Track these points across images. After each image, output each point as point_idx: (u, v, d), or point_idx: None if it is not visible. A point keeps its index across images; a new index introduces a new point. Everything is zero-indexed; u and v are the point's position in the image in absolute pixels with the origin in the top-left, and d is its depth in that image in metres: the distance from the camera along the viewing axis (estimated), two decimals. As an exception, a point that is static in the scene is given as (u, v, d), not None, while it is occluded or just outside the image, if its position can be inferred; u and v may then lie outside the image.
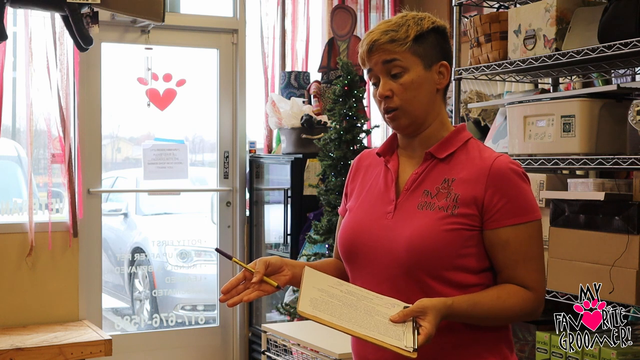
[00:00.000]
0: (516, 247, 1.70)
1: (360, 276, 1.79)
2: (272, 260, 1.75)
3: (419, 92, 1.74)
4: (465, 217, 1.69)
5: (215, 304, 5.17)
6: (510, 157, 1.78)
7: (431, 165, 1.77)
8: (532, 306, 1.72)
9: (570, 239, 2.80)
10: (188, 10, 5.04)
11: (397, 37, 1.73)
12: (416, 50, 1.73)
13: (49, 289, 4.53)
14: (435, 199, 1.72)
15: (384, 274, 1.73)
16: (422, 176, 1.76)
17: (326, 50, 5.05)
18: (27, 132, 4.47)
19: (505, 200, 1.69)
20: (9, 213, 4.55)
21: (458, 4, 3.43)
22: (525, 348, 3.05)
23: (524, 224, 1.70)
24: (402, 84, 1.74)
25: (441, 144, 1.77)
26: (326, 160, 4.24)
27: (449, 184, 1.72)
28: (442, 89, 1.80)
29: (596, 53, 2.70)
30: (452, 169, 1.74)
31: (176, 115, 5.00)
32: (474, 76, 3.35)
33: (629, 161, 2.60)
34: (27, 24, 4.43)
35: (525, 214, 1.70)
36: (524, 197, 1.71)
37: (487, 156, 1.74)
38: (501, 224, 1.69)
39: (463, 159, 1.75)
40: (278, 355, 3.40)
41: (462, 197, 1.70)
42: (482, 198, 1.69)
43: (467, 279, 1.71)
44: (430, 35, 1.76)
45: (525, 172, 1.76)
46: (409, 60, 1.73)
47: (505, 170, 1.71)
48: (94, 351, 4.10)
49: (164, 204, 5.54)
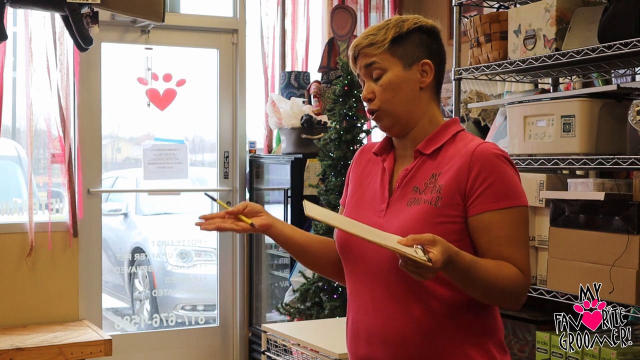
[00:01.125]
0: (498, 230, 1.67)
1: (353, 273, 1.82)
2: (251, 204, 1.84)
3: (398, 92, 1.76)
4: (449, 207, 1.68)
5: (215, 304, 5.17)
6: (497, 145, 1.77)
7: (420, 161, 1.78)
8: (521, 285, 1.68)
9: (570, 239, 2.80)
10: (188, 10, 5.04)
11: (375, 40, 1.77)
12: (395, 51, 1.76)
13: (49, 289, 4.53)
14: (423, 194, 1.73)
15: (375, 270, 1.75)
16: (412, 173, 1.77)
17: (326, 50, 5.05)
18: (27, 132, 4.47)
19: (486, 184, 1.67)
20: (9, 213, 4.55)
21: (458, 4, 3.43)
22: (525, 348, 3.05)
23: (507, 209, 1.68)
24: (382, 85, 1.77)
25: (428, 139, 1.78)
26: (326, 160, 4.24)
27: (436, 178, 1.73)
28: (428, 87, 1.79)
29: (596, 53, 2.70)
30: (440, 163, 1.75)
31: (176, 115, 5.00)
32: (474, 76, 3.35)
33: (629, 161, 2.60)
34: (27, 24, 4.43)
35: (507, 199, 1.68)
36: (507, 181, 1.69)
37: (472, 144, 1.73)
38: (482, 209, 1.67)
39: (450, 152, 1.75)
40: (278, 355, 3.40)
41: (445, 187, 1.70)
42: (465, 184, 1.69)
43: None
44: (412, 35, 1.77)
45: (511, 159, 1.74)
46: (387, 61, 1.76)
47: (488, 154, 1.69)
48: (94, 351, 4.10)
49: (164, 204, 5.54)
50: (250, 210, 1.82)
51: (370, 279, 1.76)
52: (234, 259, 5.11)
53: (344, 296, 4.10)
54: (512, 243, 1.68)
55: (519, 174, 1.75)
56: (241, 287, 5.11)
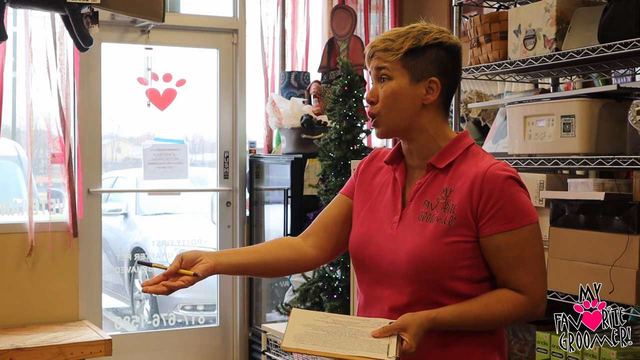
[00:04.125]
0: (508, 251, 1.71)
1: (366, 282, 1.84)
2: (186, 255, 1.78)
3: (398, 103, 1.76)
4: (462, 227, 1.71)
5: (215, 304, 5.17)
6: (507, 164, 1.78)
7: (432, 175, 1.78)
8: (526, 310, 1.73)
9: (570, 239, 2.80)
10: (188, 10, 5.04)
11: (391, 46, 1.76)
12: (406, 62, 1.75)
13: (49, 289, 4.53)
14: (435, 210, 1.74)
15: (388, 282, 1.77)
16: (424, 187, 1.78)
17: (326, 50, 5.05)
18: (27, 132, 4.47)
19: (497, 207, 1.70)
20: (9, 213, 4.55)
21: (458, 4, 3.43)
22: (525, 348, 3.05)
23: (517, 230, 1.71)
24: (385, 90, 1.77)
25: (441, 153, 1.78)
26: (326, 160, 4.24)
27: (447, 194, 1.74)
28: (432, 104, 1.78)
29: (596, 53, 2.70)
30: (451, 178, 1.76)
31: (176, 115, 5.00)
32: (474, 76, 3.35)
33: (629, 161, 2.59)
34: (27, 24, 4.43)
35: (516, 219, 1.71)
36: (517, 203, 1.71)
37: (482, 164, 1.74)
38: (493, 231, 1.70)
39: (462, 168, 1.76)
40: (278, 355, 3.39)
41: (459, 207, 1.72)
42: (476, 207, 1.71)
43: (469, 289, 1.73)
44: (429, 50, 1.76)
45: (520, 179, 1.75)
46: (397, 71, 1.76)
47: (498, 177, 1.71)
48: (94, 351, 4.10)
49: (164, 204, 5.54)
50: (188, 261, 1.76)
51: (383, 290, 1.78)
52: (234, 259, 5.09)
53: (344, 296, 4.10)
54: (521, 263, 1.72)
55: (527, 191, 1.77)
56: (241, 287, 5.11)
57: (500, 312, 1.71)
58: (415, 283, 1.72)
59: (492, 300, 1.72)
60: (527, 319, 1.76)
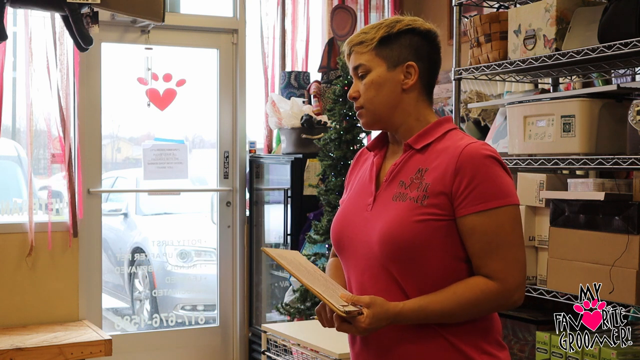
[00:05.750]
0: (482, 235, 1.66)
1: (347, 267, 1.84)
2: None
3: (379, 92, 1.79)
4: (435, 206, 1.68)
5: (215, 304, 5.17)
6: (487, 143, 1.75)
7: (408, 155, 1.78)
8: (496, 297, 1.67)
9: (570, 239, 2.80)
10: (188, 10, 5.04)
11: (365, 38, 1.79)
12: (381, 51, 1.78)
13: (49, 289, 4.53)
14: (408, 189, 1.73)
15: (364, 265, 1.77)
16: (399, 167, 1.78)
17: (326, 50, 5.05)
18: (27, 132, 4.47)
19: (472, 186, 1.66)
20: (9, 213, 4.55)
21: (458, 4, 3.43)
22: (525, 348, 3.05)
23: (491, 210, 1.66)
24: (365, 84, 1.80)
25: (419, 135, 1.79)
26: (326, 160, 4.25)
27: (422, 174, 1.73)
28: (413, 88, 1.79)
29: (596, 53, 2.70)
30: (427, 158, 1.75)
31: (176, 115, 5.00)
32: (474, 76, 3.35)
33: (629, 161, 2.60)
34: (27, 24, 4.43)
35: (492, 200, 1.66)
36: (494, 182, 1.67)
37: (461, 143, 1.72)
38: (466, 211, 1.66)
39: (439, 148, 1.75)
40: (278, 355, 3.40)
41: (432, 186, 1.69)
42: (451, 185, 1.68)
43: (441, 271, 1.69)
44: (403, 37, 1.78)
45: (501, 159, 1.71)
46: (373, 61, 1.79)
47: (475, 155, 1.68)
48: (94, 351, 4.10)
49: (164, 204, 5.54)
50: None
51: (361, 274, 1.78)
52: (234, 259, 5.10)
53: (344, 296, 4.10)
54: (494, 249, 1.67)
55: (510, 173, 1.73)
56: (241, 287, 5.11)
57: (468, 299, 1.66)
58: (387, 264, 1.70)
59: (461, 287, 1.67)
60: (500, 308, 1.71)
